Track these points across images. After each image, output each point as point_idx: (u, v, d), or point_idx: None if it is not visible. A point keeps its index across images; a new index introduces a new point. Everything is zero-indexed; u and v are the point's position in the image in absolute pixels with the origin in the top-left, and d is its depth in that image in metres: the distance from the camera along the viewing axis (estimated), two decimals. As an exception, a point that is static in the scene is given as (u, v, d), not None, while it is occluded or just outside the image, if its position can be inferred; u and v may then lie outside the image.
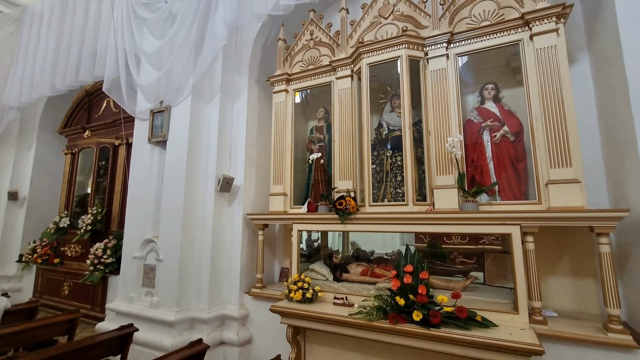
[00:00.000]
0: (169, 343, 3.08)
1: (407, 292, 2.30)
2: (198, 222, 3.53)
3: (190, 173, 3.52)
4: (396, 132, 3.15)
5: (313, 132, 3.81)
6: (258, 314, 3.45)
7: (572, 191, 2.24)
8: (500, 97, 2.86)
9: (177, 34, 3.65)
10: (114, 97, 4.13)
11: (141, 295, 3.52)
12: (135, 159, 3.96)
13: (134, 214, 3.79)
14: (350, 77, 3.27)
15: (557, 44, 2.42)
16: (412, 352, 2.31)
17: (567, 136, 2.30)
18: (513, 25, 2.59)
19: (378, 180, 3.15)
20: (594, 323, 2.27)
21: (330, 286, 2.95)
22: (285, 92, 3.65)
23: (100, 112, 5.70)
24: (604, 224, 2.10)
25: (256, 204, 3.85)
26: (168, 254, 3.40)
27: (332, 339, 2.64)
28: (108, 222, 5.08)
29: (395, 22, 3.12)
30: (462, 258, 2.97)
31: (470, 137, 2.85)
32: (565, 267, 2.63)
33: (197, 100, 3.66)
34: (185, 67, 3.60)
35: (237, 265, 3.54)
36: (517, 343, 1.89)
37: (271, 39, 4.08)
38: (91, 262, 4.52)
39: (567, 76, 2.37)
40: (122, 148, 5.16)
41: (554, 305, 2.59)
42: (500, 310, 2.29)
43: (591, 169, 2.59)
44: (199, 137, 3.66)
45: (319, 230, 3.46)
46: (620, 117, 2.33)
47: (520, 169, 2.67)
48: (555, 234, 2.60)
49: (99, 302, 4.62)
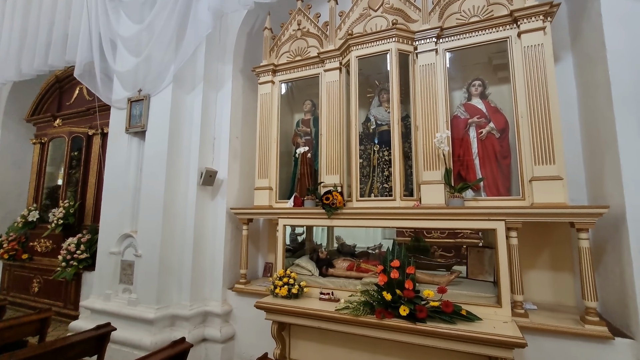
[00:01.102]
0: (148, 341, 2.98)
1: (394, 287, 2.30)
2: (179, 216, 3.41)
3: (171, 165, 3.37)
4: (384, 127, 3.13)
5: (299, 125, 3.74)
6: (242, 310, 3.38)
7: (555, 188, 2.29)
8: (487, 93, 2.89)
9: (157, 19, 3.46)
10: (87, 84, 3.88)
11: (118, 292, 3.37)
12: (112, 150, 3.76)
13: (110, 208, 3.61)
14: (339, 69, 3.21)
15: (543, 42, 2.45)
16: (398, 346, 2.33)
17: (552, 134, 2.35)
18: (502, 22, 2.60)
19: (364, 175, 3.12)
20: (571, 315, 2.36)
21: (316, 281, 2.92)
22: (272, 84, 3.55)
23: (72, 99, 5.37)
24: (585, 220, 2.16)
25: (240, 198, 3.75)
26: (147, 250, 3.26)
27: (317, 334, 2.62)
28: (81, 215, 4.84)
29: (384, 15, 3.08)
30: (441, 251, 3.01)
31: (456, 133, 2.86)
32: (545, 261, 2.71)
33: (178, 89, 3.50)
34: (166, 54, 3.42)
35: (220, 260, 3.45)
36: (501, 336, 1.93)
37: (257, 27, 3.95)
38: (63, 257, 4.29)
39: (552, 75, 2.41)
40: (97, 138, 4.91)
41: (533, 298, 2.67)
42: (484, 304, 2.33)
43: (571, 166, 2.67)
44: (181, 128, 3.51)
45: (306, 225, 3.41)
46: (601, 116, 2.40)
47: (505, 166, 2.72)
48: (536, 229, 2.67)
49: (72, 300, 4.41)
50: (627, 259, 2.12)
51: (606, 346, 2.11)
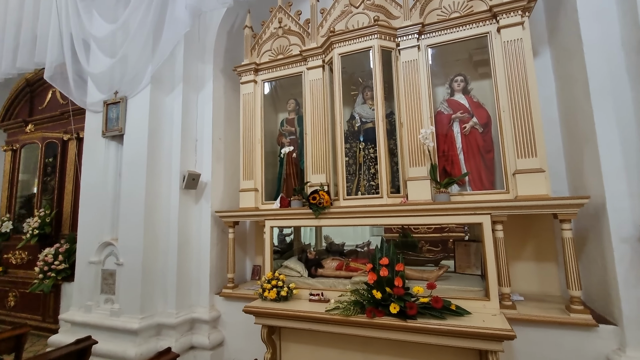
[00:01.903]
0: (133, 352, 2.87)
1: (384, 285, 2.29)
2: (162, 222, 3.30)
3: (151, 169, 3.26)
4: (368, 124, 3.11)
5: (284, 124, 3.68)
6: (230, 315, 3.31)
7: (538, 180, 2.33)
8: (469, 89, 2.91)
9: (132, 18, 3.33)
10: (59, 87, 3.71)
11: (100, 303, 3.24)
12: (88, 155, 3.61)
13: (89, 216, 3.46)
14: (322, 67, 3.18)
15: (522, 37, 2.48)
16: (390, 344, 2.32)
17: (533, 127, 2.38)
18: (481, 18, 2.62)
19: (351, 173, 3.10)
20: (556, 304, 2.41)
21: (305, 282, 2.89)
22: (254, 83, 3.48)
23: (44, 103, 5.13)
24: (567, 211, 2.20)
25: (225, 200, 3.67)
26: (129, 258, 3.14)
27: (308, 336, 2.58)
28: (59, 224, 4.63)
29: (366, 12, 3.06)
30: (429, 246, 3.03)
31: (440, 129, 2.87)
32: (530, 253, 2.76)
33: (156, 90, 3.38)
34: (142, 55, 3.29)
35: (206, 265, 3.37)
36: (491, 330, 1.94)
37: (237, 26, 3.87)
38: (40, 269, 4.09)
39: (532, 69, 2.45)
40: (72, 143, 4.70)
41: (520, 290, 2.72)
42: (473, 297, 2.35)
43: (552, 158, 2.71)
44: (161, 130, 3.39)
45: (293, 226, 3.37)
46: (580, 109, 2.45)
47: (489, 160, 2.74)
48: (520, 221, 2.71)
49: (51, 313, 4.23)
50: (608, 247, 2.17)
51: (591, 333, 2.16)
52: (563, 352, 2.21)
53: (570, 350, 2.19)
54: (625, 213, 2.11)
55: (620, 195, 2.14)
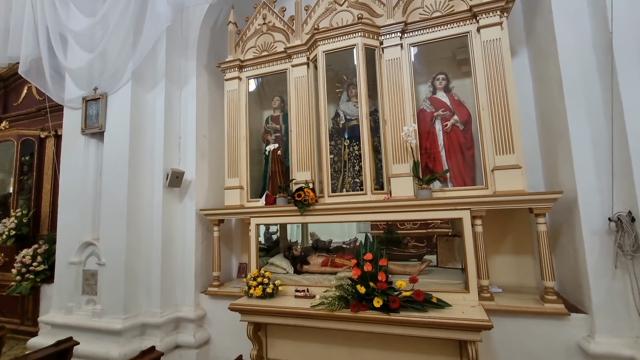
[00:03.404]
0: (116, 353, 2.83)
1: (368, 280, 2.33)
2: (145, 220, 3.25)
3: (133, 167, 3.20)
4: (353, 122, 3.14)
5: (269, 122, 3.67)
6: (216, 313, 3.30)
7: (515, 176, 2.41)
8: (451, 87, 2.98)
9: (112, 12, 3.24)
10: (35, 82, 3.58)
11: (81, 304, 3.17)
12: (67, 153, 3.51)
13: (68, 215, 3.37)
14: (307, 64, 3.18)
15: (501, 37, 2.55)
16: (374, 337, 2.37)
17: (510, 125, 2.46)
18: (462, 17, 2.68)
19: (336, 171, 3.13)
20: (532, 295, 2.51)
21: (291, 279, 2.90)
22: (238, 80, 3.46)
23: (20, 99, 4.95)
24: (542, 205, 2.29)
25: (210, 198, 3.64)
26: (111, 257, 3.08)
27: (294, 333, 2.61)
28: (37, 225, 4.49)
29: (350, 9, 3.08)
30: (414, 242, 3.10)
31: (423, 126, 2.93)
32: (508, 246, 2.86)
33: (138, 86, 3.31)
34: (122, 50, 3.22)
35: (191, 264, 3.34)
36: (469, 320, 2.02)
37: (221, 22, 3.82)
38: (18, 271, 3.97)
39: (510, 68, 2.52)
40: (50, 141, 4.56)
41: (499, 282, 2.81)
42: (453, 290, 2.42)
43: (528, 154, 2.81)
44: (143, 127, 3.33)
45: (278, 223, 3.38)
46: (554, 107, 2.54)
47: (469, 157, 2.82)
48: (499, 216, 2.80)
49: (30, 316, 4.12)
50: (580, 240, 2.28)
51: (563, 322, 2.26)
52: (538, 340, 2.31)
53: (544, 338, 2.30)
54: (595, 207, 2.21)
55: (590, 190, 2.24)
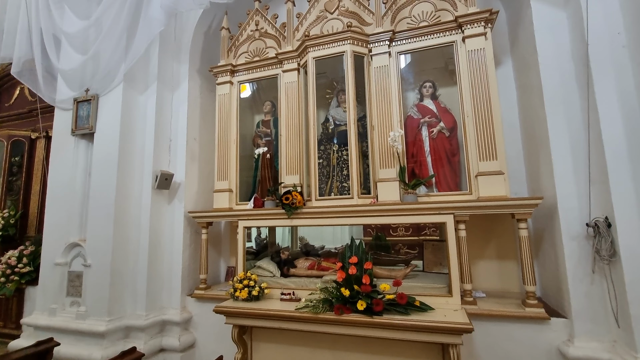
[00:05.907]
0: (99, 355, 2.79)
1: (352, 283, 2.34)
2: (133, 222, 3.24)
3: (123, 169, 3.20)
4: (342, 127, 3.18)
5: (260, 126, 3.71)
6: (202, 316, 3.28)
7: (497, 182, 2.46)
8: (437, 94, 3.04)
9: (106, 15, 3.28)
10: (27, 83, 3.59)
11: (65, 306, 3.14)
12: (56, 153, 3.50)
13: (55, 216, 3.36)
14: (297, 70, 3.23)
15: (485, 47, 2.63)
16: (358, 340, 2.37)
17: (494, 132, 2.52)
18: (448, 27, 2.76)
19: (325, 175, 3.16)
20: (515, 300, 2.54)
21: (277, 282, 2.91)
22: (230, 84, 3.50)
23: (11, 100, 4.94)
24: (523, 210, 2.34)
25: (199, 201, 3.65)
26: (97, 259, 3.07)
27: (279, 336, 2.61)
28: (24, 226, 4.45)
29: (340, 18, 3.15)
30: (407, 249, 3.13)
31: (410, 133, 2.98)
32: (492, 251, 2.90)
33: (129, 89, 3.34)
34: (115, 52, 3.25)
35: (178, 266, 3.33)
36: (450, 324, 2.03)
37: (214, 27, 3.88)
38: (3, 272, 3.91)
39: (493, 77, 2.59)
40: (41, 142, 4.55)
41: (482, 287, 2.84)
42: (437, 294, 2.44)
43: (513, 162, 2.87)
44: (133, 129, 3.35)
45: (266, 225, 3.38)
46: (536, 115, 2.61)
47: (455, 163, 2.87)
48: (482, 221, 2.84)
49: (13, 318, 4.04)
50: (559, 245, 2.32)
51: (544, 326, 2.29)
52: (519, 344, 2.33)
53: (525, 342, 2.32)
54: (574, 212, 2.26)
55: (569, 196, 2.29)
